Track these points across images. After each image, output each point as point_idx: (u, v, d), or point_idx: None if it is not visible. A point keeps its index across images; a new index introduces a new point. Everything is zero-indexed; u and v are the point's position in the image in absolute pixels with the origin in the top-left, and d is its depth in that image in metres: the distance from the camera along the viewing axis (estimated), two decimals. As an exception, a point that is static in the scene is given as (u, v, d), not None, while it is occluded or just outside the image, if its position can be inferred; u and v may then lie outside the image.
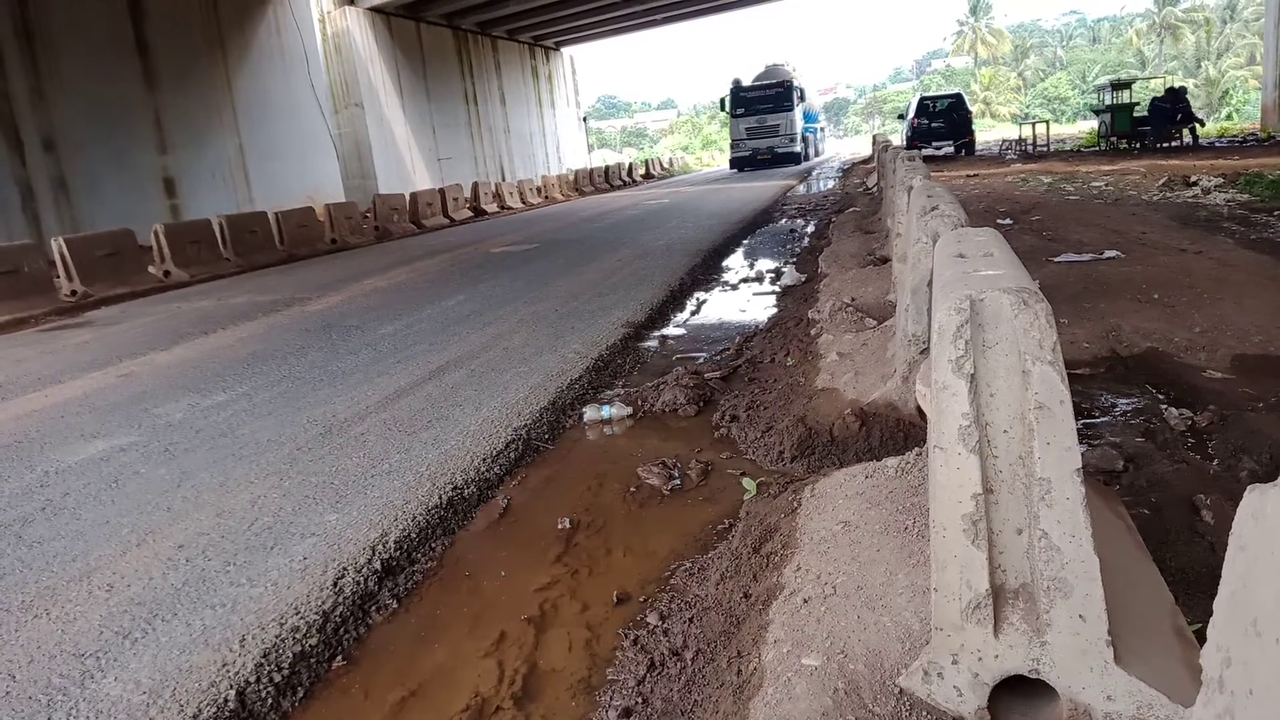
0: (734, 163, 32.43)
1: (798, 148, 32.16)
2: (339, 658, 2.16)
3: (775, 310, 5.96)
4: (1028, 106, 62.41)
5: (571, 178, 26.28)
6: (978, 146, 24.66)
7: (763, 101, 32.25)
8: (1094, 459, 2.64)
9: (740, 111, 32.25)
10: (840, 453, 3.03)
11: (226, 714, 1.89)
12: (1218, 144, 19.61)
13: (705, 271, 7.92)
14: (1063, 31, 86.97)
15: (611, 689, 1.93)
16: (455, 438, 3.49)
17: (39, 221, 13.37)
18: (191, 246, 10.79)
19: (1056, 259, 6.14)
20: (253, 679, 1.99)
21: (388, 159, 21.85)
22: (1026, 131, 24.76)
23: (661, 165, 36.27)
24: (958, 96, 25.26)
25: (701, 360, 4.67)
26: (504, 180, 24.70)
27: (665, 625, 2.12)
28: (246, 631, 2.14)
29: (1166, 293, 4.75)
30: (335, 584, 2.37)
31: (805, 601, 1.86)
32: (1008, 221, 8.45)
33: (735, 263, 8.68)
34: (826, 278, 6.18)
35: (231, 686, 1.95)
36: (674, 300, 6.55)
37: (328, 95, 20.43)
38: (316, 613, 2.24)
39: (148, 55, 15.57)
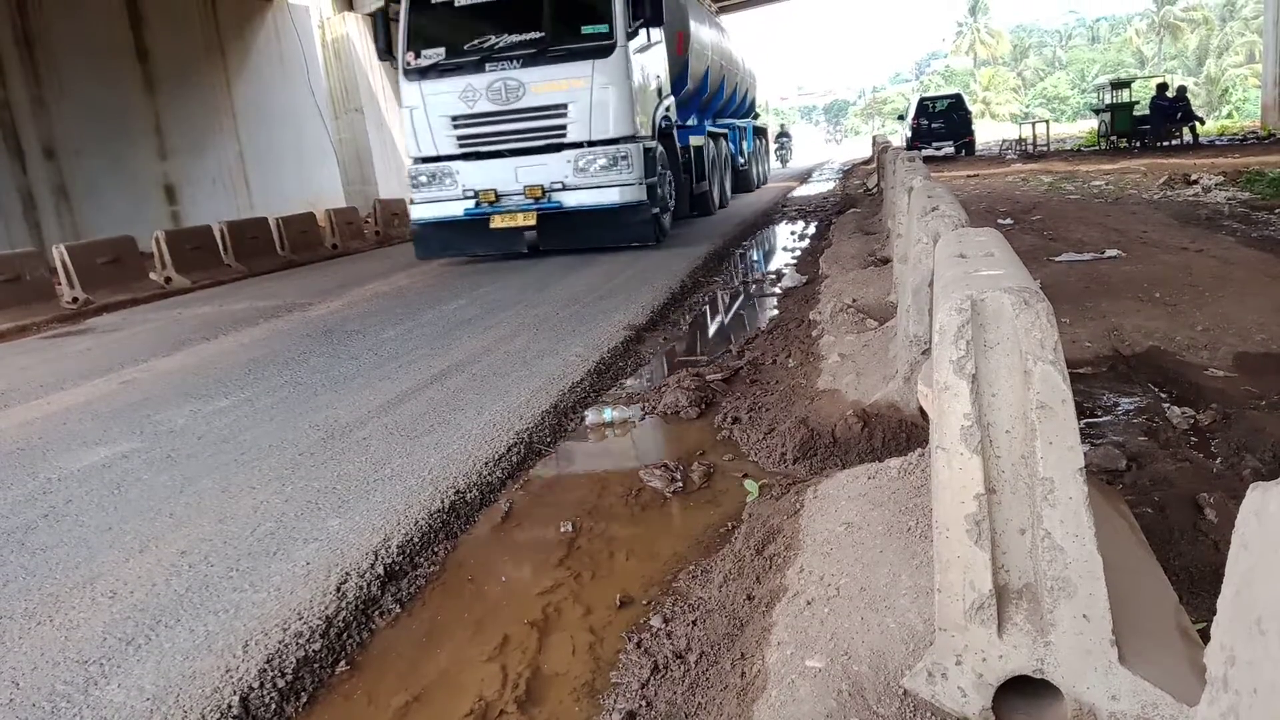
0: (423, 243, 9.41)
1: (633, 188, 8.60)
2: (342, 663, 2.16)
3: (776, 312, 5.96)
4: (1027, 106, 62.42)
5: (572, 181, 26.20)
6: (978, 146, 24.67)
7: (510, 30, 8.62)
8: (1097, 458, 2.64)
9: (438, 64, 8.81)
10: (842, 454, 3.02)
11: (230, 719, 1.89)
12: (1218, 142, 19.62)
13: (706, 274, 7.92)
14: (1061, 31, 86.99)
15: (615, 692, 1.92)
16: (457, 441, 3.49)
17: (40, 229, 13.39)
18: (193, 253, 10.79)
19: (1057, 258, 6.14)
20: (256, 684, 1.99)
21: (388, 164, 21.83)
22: (1026, 131, 24.76)
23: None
24: (957, 97, 25.28)
25: (703, 362, 4.67)
26: (504, 184, 24.63)
27: (668, 628, 2.12)
28: (250, 637, 2.14)
29: (1168, 291, 4.75)
30: (338, 589, 2.37)
31: (808, 603, 1.86)
32: (1008, 221, 8.45)
33: (736, 265, 8.68)
34: (827, 279, 6.17)
35: (235, 692, 1.95)
36: (675, 303, 6.55)
37: (328, 101, 20.44)
38: (319, 618, 2.24)
39: (148, 62, 15.60)
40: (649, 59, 9.50)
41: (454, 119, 8.75)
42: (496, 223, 8.74)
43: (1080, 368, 3.58)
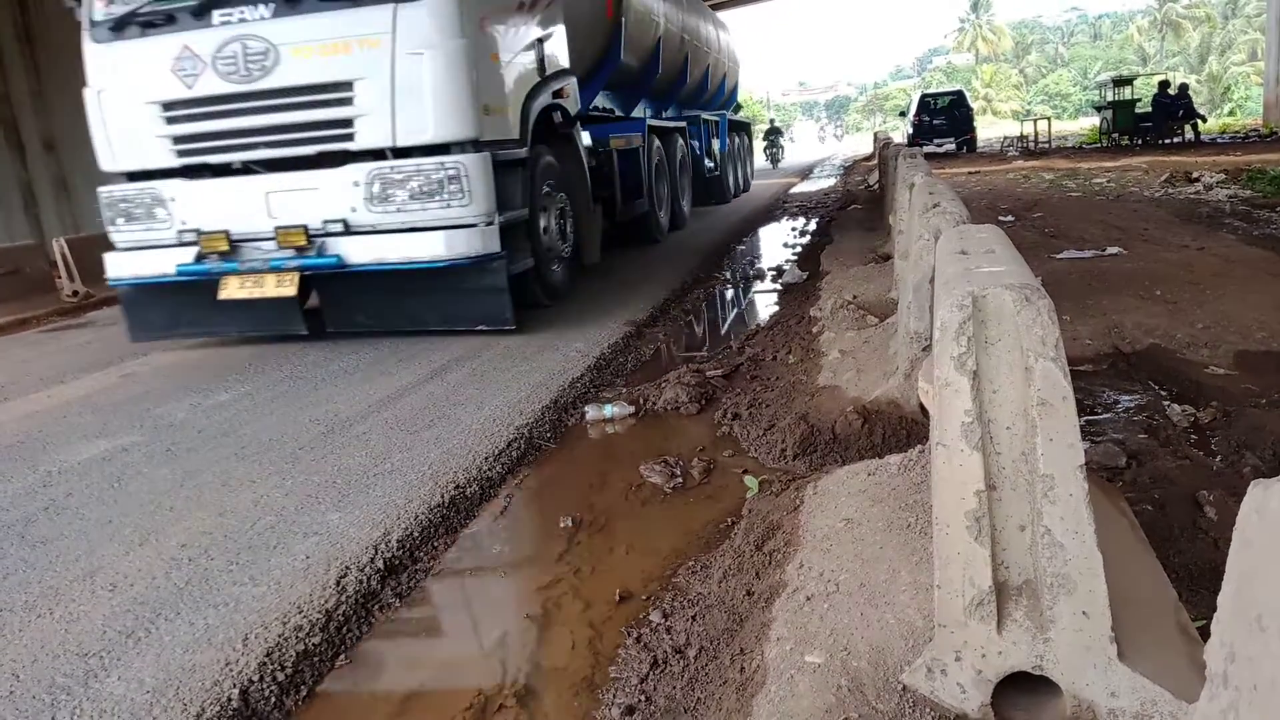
0: (134, 316, 5.70)
1: (470, 233, 4.84)
2: (342, 656, 2.16)
3: (777, 308, 5.96)
4: (1029, 103, 62.31)
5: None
6: (979, 143, 24.62)
7: None
8: (1097, 455, 2.64)
9: (136, 12, 5.06)
10: (843, 450, 3.02)
11: (230, 713, 1.89)
12: (1220, 140, 19.59)
13: (707, 269, 7.91)
14: (1064, 28, 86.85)
15: (614, 687, 1.93)
16: (457, 436, 3.49)
17: (40, 222, 13.38)
18: (193, 246, 10.79)
19: (1059, 255, 6.13)
20: (256, 678, 1.99)
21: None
22: (1028, 128, 24.72)
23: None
24: (959, 93, 25.22)
25: (703, 358, 4.67)
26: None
27: (668, 623, 2.12)
28: (250, 630, 2.14)
29: (1169, 289, 4.74)
30: (338, 583, 2.37)
31: (808, 599, 1.86)
32: (1009, 218, 8.44)
33: (737, 261, 8.67)
34: (828, 275, 6.17)
35: (235, 685, 1.95)
36: (676, 299, 6.54)
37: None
38: (319, 611, 2.24)
39: (148, 55, 15.55)
40: (515, 11, 5.64)
41: (165, 107, 5.13)
42: (230, 290, 5.07)
43: (1081, 365, 3.58)
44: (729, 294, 7.02)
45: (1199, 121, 19.87)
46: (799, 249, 8.87)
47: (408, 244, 4.85)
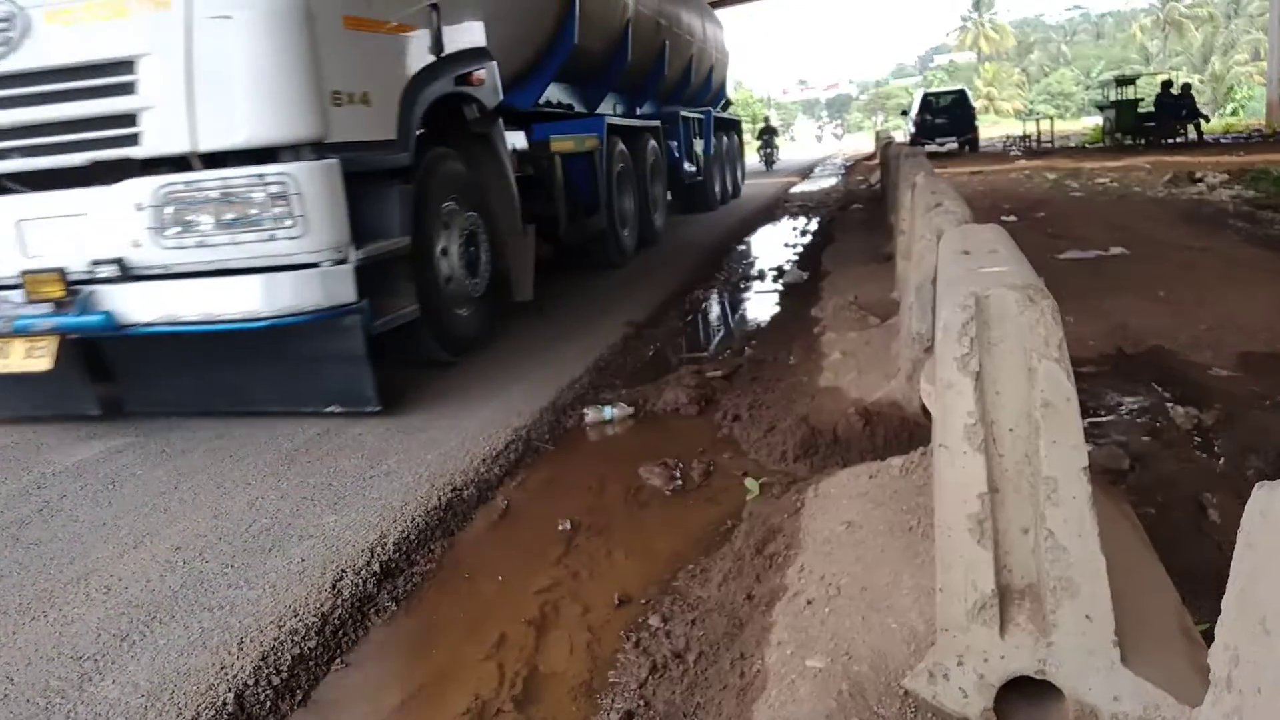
0: None
1: (307, 280, 3.35)
2: (337, 660, 2.15)
3: (778, 309, 5.94)
4: (1031, 102, 62.29)
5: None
6: (981, 143, 24.58)
7: None
8: (1100, 457, 2.62)
9: None
10: (844, 452, 3.01)
11: (225, 717, 1.88)
12: (1223, 140, 19.57)
13: (707, 269, 7.89)
14: (1066, 26, 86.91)
15: (613, 692, 1.91)
16: (454, 438, 3.47)
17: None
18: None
19: (1062, 256, 6.11)
20: (251, 682, 1.97)
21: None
22: (1030, 127, 24.71)
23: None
24: (961, 92, 25.16)
25: (703, 359, 4.65)
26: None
27: (667, 627, 2.11)
28: (245, 634, 2.13)
29: (1172, 289, 4.73)
30: (334, 586, 2.35)
31: (809, 603, 1.84)
32: (1012, 218, 8.41)
33: (737, 261, 8.64)
34: (829, 275, 6.16)
35: (230, 689, 1.94)
36: (675, 299, 6.52)
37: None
38: (315, 615, 2.22)
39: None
40: None
41: None
42: None
43: (1084, 366, 3.56)
44: (729, 294, 6.98)
45: (1202, 121, 19.85)
46: (800, 249, 8.86)
47: (211, 294, 3.41)
